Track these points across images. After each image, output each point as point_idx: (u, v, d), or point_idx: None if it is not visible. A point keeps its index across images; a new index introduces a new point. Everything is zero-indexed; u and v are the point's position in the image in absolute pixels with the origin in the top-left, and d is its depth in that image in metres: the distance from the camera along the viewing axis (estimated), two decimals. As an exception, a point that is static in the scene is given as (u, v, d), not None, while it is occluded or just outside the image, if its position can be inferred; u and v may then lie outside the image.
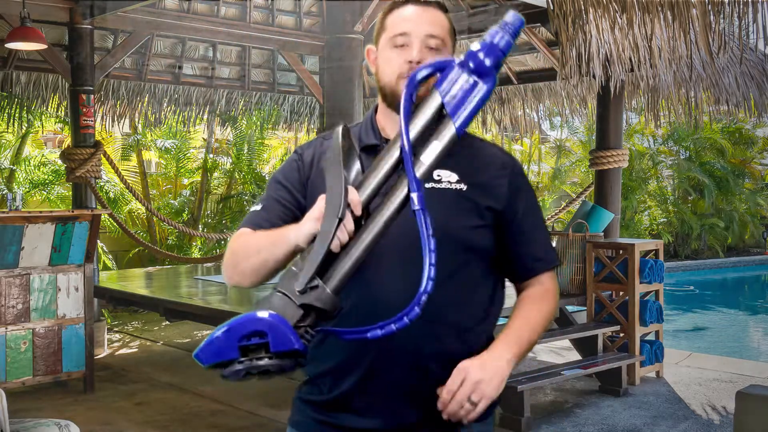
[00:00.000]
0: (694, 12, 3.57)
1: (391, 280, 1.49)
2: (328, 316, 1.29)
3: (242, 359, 1.24)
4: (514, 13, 1.35)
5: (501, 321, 1.65)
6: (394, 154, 1.35)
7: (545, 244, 1.65)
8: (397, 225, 1.39)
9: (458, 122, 1.35)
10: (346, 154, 1.35)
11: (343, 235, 1.29)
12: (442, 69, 1.38)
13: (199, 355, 1.26)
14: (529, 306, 1.60)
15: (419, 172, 1.33)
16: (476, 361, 1.45)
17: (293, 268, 1.32)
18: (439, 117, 1.36)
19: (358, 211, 1.31)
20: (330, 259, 1.30)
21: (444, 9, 1.59)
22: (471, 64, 1.35)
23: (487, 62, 1.34)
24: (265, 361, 1.23)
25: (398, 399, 1.51)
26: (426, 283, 1.27)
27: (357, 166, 1.37)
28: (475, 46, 1.36)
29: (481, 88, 1.35)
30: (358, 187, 1.34)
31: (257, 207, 1.62)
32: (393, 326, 1.28)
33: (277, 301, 1.28)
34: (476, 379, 1.42)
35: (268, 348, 1.24)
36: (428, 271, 1.27)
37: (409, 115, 1.35)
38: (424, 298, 1.27)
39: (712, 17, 3.52)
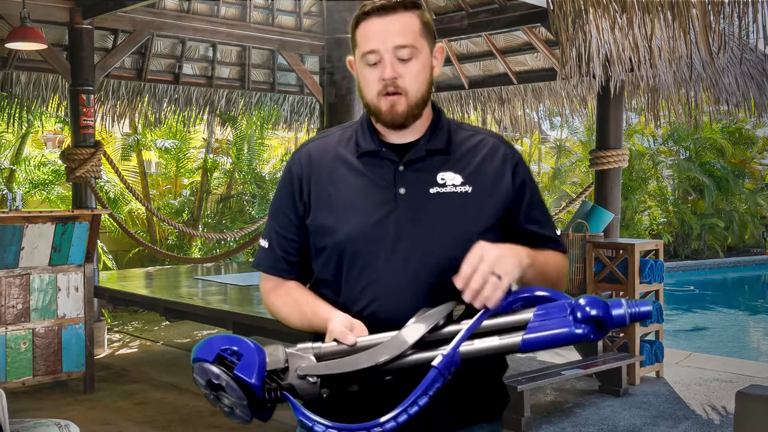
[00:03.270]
0: (694, 12, 3.56)
1: (393, 270, 1.50)
2: (301, 399, 1.37)
3: (213, 362, 1.33)
4: (650, 310, 1.33)
5: None
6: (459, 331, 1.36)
7: (551, 231, 1.62)
8: (403, 212, 1.46)
9: (525, 344, 1.33)
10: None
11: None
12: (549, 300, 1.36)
13: (195, 349, 1.37)
14: (538, 250, 1.56)
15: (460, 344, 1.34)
16: (490, 243, 1.38)
17: (309, 345, 1.39)
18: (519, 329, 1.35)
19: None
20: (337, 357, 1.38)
21: (412, 6, 1.51)
22: (578, 314, 1.31)
23: (592, 312, 1.30)
24: (223, 376, 1.30)
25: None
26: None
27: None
28: (589, 302, 1.32)
29: (568, 332, 1.32)
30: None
31: (264, 243, 1.64)
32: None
33: (276, 351, 1.36)
34: (495, 254, 1.34)
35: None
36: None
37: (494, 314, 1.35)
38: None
39: (712, 17, 3.52)
